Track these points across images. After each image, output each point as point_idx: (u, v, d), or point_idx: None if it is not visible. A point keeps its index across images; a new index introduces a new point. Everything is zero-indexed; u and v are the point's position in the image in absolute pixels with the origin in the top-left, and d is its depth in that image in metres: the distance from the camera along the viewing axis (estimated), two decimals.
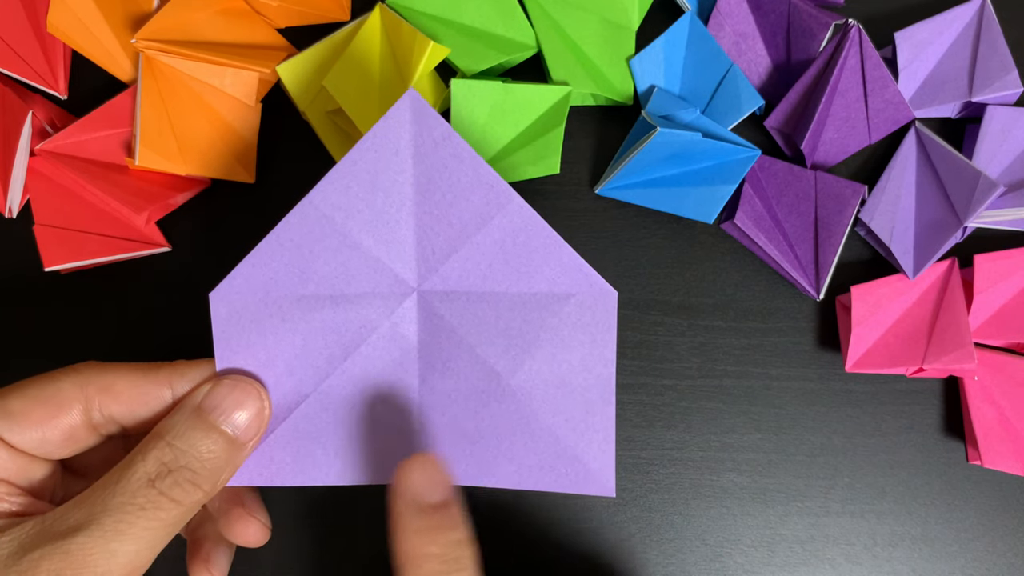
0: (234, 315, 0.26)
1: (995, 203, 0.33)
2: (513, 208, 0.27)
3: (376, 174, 0.26)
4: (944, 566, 0.34)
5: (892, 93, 0.33)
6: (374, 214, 0.27)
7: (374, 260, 0.27)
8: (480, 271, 0.27)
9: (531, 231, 0.27)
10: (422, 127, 0.26)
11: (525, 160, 0.33)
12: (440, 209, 0.27)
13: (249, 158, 0.34)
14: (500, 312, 0.27)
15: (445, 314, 0.27)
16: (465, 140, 0.26)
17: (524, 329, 0.27)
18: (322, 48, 0.33)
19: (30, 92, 0.34)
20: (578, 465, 0.27)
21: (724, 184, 0.33)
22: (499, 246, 0.27)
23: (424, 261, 0.27)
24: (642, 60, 0.34)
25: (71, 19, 0.32)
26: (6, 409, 0.24)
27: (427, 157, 0.26)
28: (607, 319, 0.27)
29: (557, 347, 0.27)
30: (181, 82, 0.32)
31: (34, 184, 0.33)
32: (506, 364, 0.27)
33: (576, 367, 0.27)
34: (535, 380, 0.27)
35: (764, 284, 0.35)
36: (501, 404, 0.27)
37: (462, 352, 0.27)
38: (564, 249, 0.27)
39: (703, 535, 0.34)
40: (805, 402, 0.34)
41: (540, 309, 0.27)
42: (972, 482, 0.34)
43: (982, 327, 0.33)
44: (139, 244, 0.33)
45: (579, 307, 0.27)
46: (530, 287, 0.27)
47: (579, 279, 0.27)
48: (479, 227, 0.27)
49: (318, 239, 0.26)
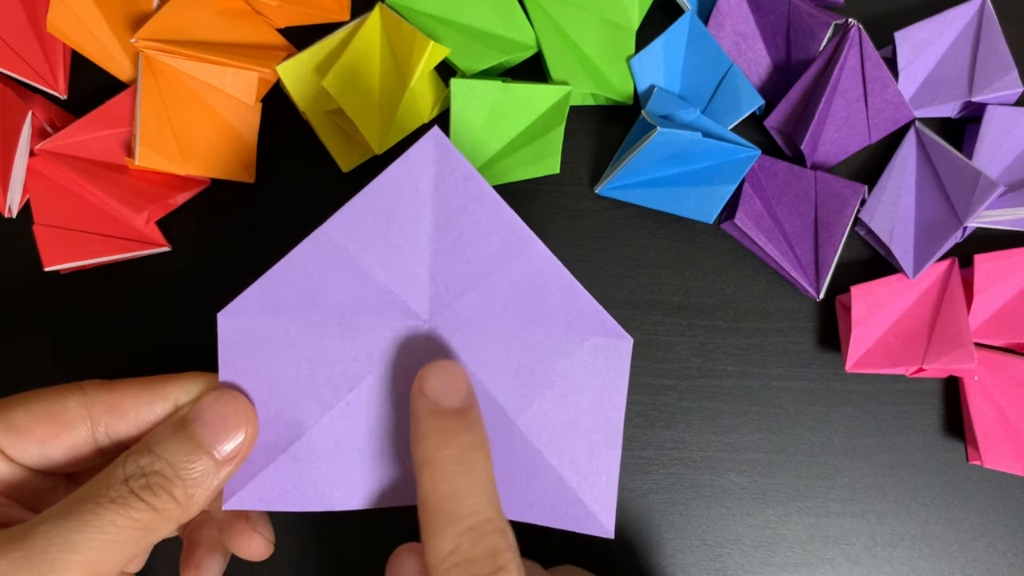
0: (240, 337, 0.26)
1: (995, 203, 0.33)
2: (533, 252, 0.26)
3: (394, 209, 0.26)
4: (944, 566, 0.34)
5: (892, 93, 0.33)
6: (388, 248, 0.26)
7: (386, 292, 0.26)
8: (494, 310, 0.27)
9: (549, 274, 0.27)
10: (444, 167, 0.26)
11: (525, 160, 0.33)
12: (457, 248, 0.26)
13: (249, 158, 0.34)
14: (512, 351, 0.27)
15: (456, 349, 0.27)
16: (478, 174, 0.26)
17: (536, 369, 0.27)
18: (322, 48, 0.33)
19: (30, 92, 0.34)
20: (580, 506, 0.27)
21: (724, 184, 0.33)
22: (515, 287, 0.27)
23: (437, 296, 0.27)
24: (642, 60, 0.34)
25: (71, 19, 0.32)
26: (10, 422, 0.24)
27: (448, 196, 0.26)
28: (620, 365, 0.27)
29: (568, 389, 0.27)
30: (181, 82, 0.32)
31: (34, 184, 0.33)
32: (515, 403, 0.27)
33: (585, 410, 0.27)
34: (543, 420, 0.27)
35: (764, 284, 0.35)
36: (507, 441, 0.27)
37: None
38: (581, 293, 0.27)
39: (703, 535, 0.34)
40: (805, 402, 0.34)
41: (553, 351, 0.27)
42: (972, 482, 0.34)
43: (982, 327, 0.33)
44: (139, 244, 0.33)
45: (593, 351, 0.27)
46: (544, 328, 0.27)
47: (595, 324, 0.27)
48: (496, 268, 0.27)
49: (330, 268, 0.26)
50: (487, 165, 0.34)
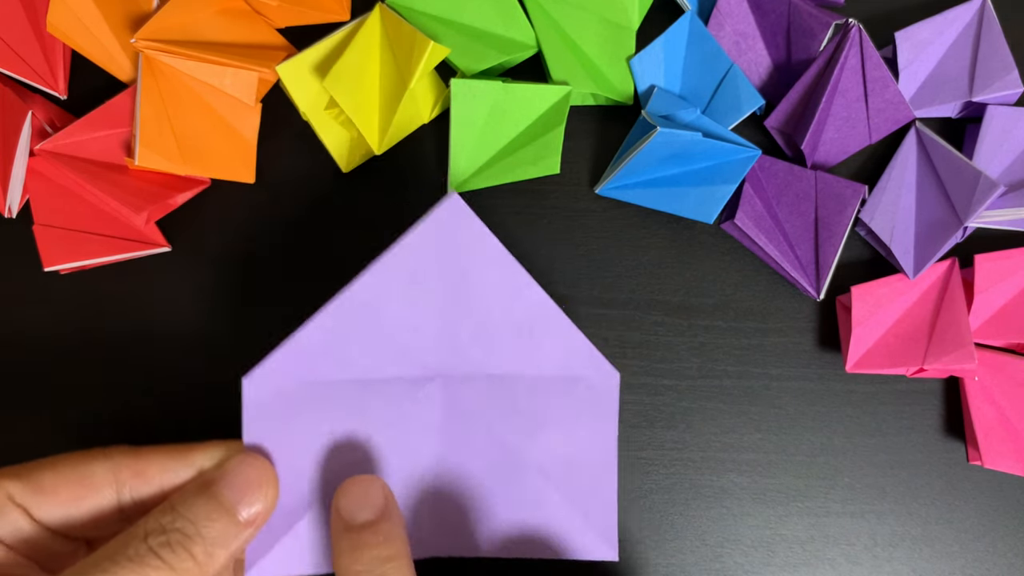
0: (265, 400, 0.27)
1: (995, 203, 0.33)
2: (535, 298, 0.29)
3: (415, 272, 0.28)
4: (944, 566, 0.34)
5: (892, 93, 0.33)
6: (406, 305, 0.28)
7: (402, 347, 0.28)
8: (498, 356, 0.29)
9: (551, 319, 0.29)
10: (463, 230, 0.28)
11: (525, 160, 0.33)
12: (466, 300, 0.28)
13: (249, 158, 0.34)
14: (516, 394, 0.29)
15: (465, 396, 0.29)
16: (499, 244, 0.28)
17: (537, 409, 0.29)
18: (322, 48, 0.33)
19: (30, 92, 0.34)
20: (586, 535, 0.29)
21: (724, 184, 0.33)
22: (516, 332, 0.29)
23: (449, 347, 0.28)
24: (642, 60, 0.34)
25: (71, 19, 0.32)
26: (38, 483, 0.24)
27: (462, 257, 0.28)
28: (609, 398, 0.29)
29: (567, 425, 0.29)
30: (181, 82, 0.32)
31: (34, 184, 0.33)
32: (520, 441, 0.29)
33: (584, 443, 0.29)
34: (546, 456, 0.29)
35: (764, 284, 0.35)
36: (512, 479, 0.29)
37: (479, 431, 0.29)
38: (575, 334, 0.29)
39: (703, 535, 0.34)
40: (805, 402, 0.34)
41: (551, 391, 0.29)
42: (972, 482, 0.34)
43: (982, 327, 0.33)
44: (139, 244, 0.33)
45: (587, 389, 0.29)
46: (543, 371, 0.29)
47: (586, 362, 0.29)
48: (500, 314, 0.28)
49: (354, 329, 0.28)
50: (487, 165, 0.34)
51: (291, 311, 0.33)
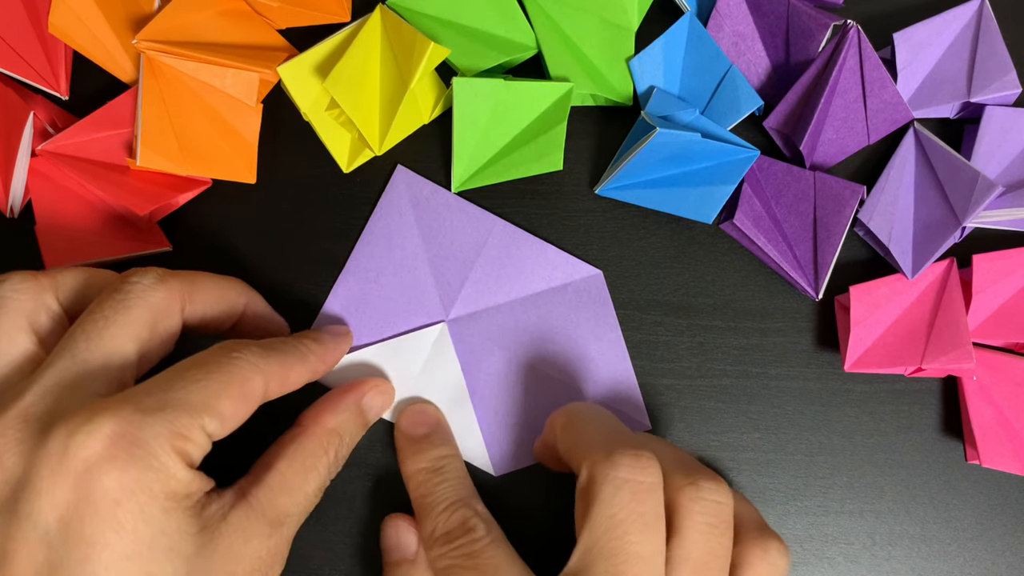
0: None
1: (993, 203, 0.33)
2: (499, 229, 0.34)
3: (390, 236, 0.33)
4: (943, 565, 0.34)
5: (891, 94, 0.33)
6: (396, 267, 0.33)
7: (407, 303, 0.33)
8: (490, 289, 0.33)
9: (520, 244, 0.33)
10: (414, 190, 0.34)
11: (528, 157, 0.34)
12: (445, 249, 0.33)
13: (250, 158, 0.34)
14: (516, 316, 0.33)
15: (474, 332, 0.33)
16: (452, 196, 0.34)
17: (539, 323, 0.33)
18: (323, 49, 0.33)
19: (31, 93, 0.34)
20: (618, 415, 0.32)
21: (723, 184, 0.33)
22: (498, 263, 0.33)
23: (445, 295, 0.33)
24: (641, 61, 0.34)
25: (72, 20, 0.32)
26: (199, 293, 0.28)
27: (424, 212, 0.33)
28: (601, 294, 0.34)
29: (569, 328, 0.33)
30: (182, 83, 0.33)
31: (35, 185, 0.33)
32: (534, 354, 0.33)
33: (589, 339, 0.33)
34: (561, 360, 0.33)
35: (763, 284, 0.35)
36: (540, 389, 0.33)
37: (495, 358, 0.33)
38: (549, 249, 0.34)
39: None
40: (804, 402, 0.35)
41: (546, 303, 0.33)
42: (971, 481, 0.34)
43: (981, 327, 0.33)
44: (140, 244, 0.33)
45: (576, 292, 0.33)
46: (532, 289, 0.33)
47: (569, 270, 0.34)
48: (478, 253, 0.33)
49: (360, 303, 0.33)
50: (490, 163, 0.34)
51: (292, 311, 0.33)
